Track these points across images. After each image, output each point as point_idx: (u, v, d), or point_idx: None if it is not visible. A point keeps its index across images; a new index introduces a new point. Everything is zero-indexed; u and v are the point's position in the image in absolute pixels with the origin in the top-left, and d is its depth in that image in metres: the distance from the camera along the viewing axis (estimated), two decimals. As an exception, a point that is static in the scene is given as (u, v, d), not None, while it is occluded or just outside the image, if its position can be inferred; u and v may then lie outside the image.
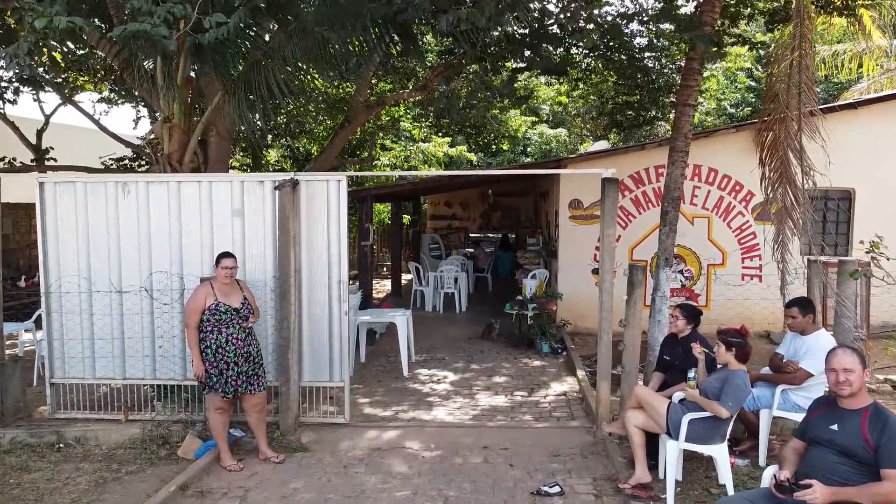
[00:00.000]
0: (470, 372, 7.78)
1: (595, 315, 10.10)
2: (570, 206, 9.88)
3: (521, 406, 6.47)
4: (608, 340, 5.32)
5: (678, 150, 6.21)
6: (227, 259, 5.00)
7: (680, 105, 6.22)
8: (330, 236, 5.67)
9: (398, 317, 7.66)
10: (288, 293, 5.43)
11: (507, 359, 8.40)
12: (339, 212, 5.66)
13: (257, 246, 5.68)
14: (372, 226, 10.16)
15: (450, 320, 11.03)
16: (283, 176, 5.57)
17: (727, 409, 3.92)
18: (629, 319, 5.36)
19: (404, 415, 6.25)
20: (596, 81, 13.46)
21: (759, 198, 9.80)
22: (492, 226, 17.89)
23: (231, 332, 4.90)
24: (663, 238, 6.32)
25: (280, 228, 5.45)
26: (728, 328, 4.28)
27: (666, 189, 6.34)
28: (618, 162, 9.78)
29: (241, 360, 4.93)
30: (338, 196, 5.65)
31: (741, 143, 9.71)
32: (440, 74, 11.54)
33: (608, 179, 5.41)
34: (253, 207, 5.68)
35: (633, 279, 5.35)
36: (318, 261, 5.70)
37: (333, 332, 5.73)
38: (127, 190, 5.70)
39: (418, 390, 7.05)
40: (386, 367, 8.05)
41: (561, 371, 7.78)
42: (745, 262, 9.85)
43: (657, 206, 9.81)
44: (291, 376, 5.50)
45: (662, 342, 5.08)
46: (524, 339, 8.98)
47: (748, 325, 9.79)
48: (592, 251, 9.87)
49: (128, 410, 5.80)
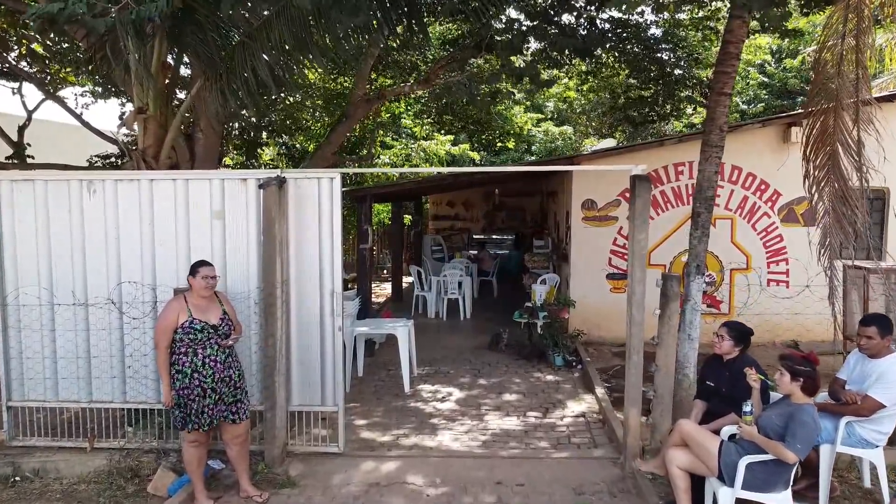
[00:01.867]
0: (477, 388, 7.12)
1: (610, 324, 9.59)
2: (584, 207, 9.22)
3: (535, 430, 5.81)
4: (638, 361, 4.66)
5: (712, 144, 5.55)
6: (206, 267, 4.35)
7: (714, 94, 5.56)
8: (322, 242, 5.02)
9: (399, 328, 7.01)
10: (273, 306, 4.77)
11: (518, 373, 7.74)
12: (333, 214, 5.00)
13: (240, 253, 5.03)
14: (371, 227, 9.50)
15: (454, 328, 10.37)
16: (268, 173, 4.91)
17: (795, 452, 3.27)
18: (662, 337, 4.70)
19: (405, 440, 5.59)
20: (607, 75, 12.81)
21: (786, 198, 9.19)
22: (496, 226, 17.22)
23: (208, 353, 4.24)
24: (695, 243, 5.66)
25: (265, 233, 4.80)
26: (793, 353, 3.63)
27: (698, 188, 5.67)
28: (634, 159, 9.12)
29: (220, 386, 4.27)
30: (331, 196, 4.99)
31: (767, 139, 9.05)
32: (443, 68, 10.89)
33: (639, 177, 4.75)
34: (235, 209, 5.02)
35: (668, 291, 4.69)
36: (309, 269, 5.04)
37: (326, 351, 5.07)
38: (93, 189, 5.04)
39: (421, 410, 6.40)
40: (386, 381, 7.40)
41: (577, 387, 7.12)
42: (771, 266, 9.19)
43: (676, 207, 9.17)
44: (278, 401, 4.85)
45: (704, 365, 4.40)
46: (535, 351, 8.32)
47: (774, 333, 9.20)
48: (607, 255, 9.23)
49: (94, 438, 5.15)
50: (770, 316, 8.76)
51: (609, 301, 9.19)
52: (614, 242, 9.19)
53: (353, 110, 9.85)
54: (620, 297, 9.20)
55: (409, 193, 11.85)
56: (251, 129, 13.73)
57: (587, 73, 12.41)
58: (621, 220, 9.16)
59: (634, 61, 11.14)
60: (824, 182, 5.63)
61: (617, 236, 9.18)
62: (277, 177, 4.83)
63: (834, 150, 5.49)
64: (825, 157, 5.59)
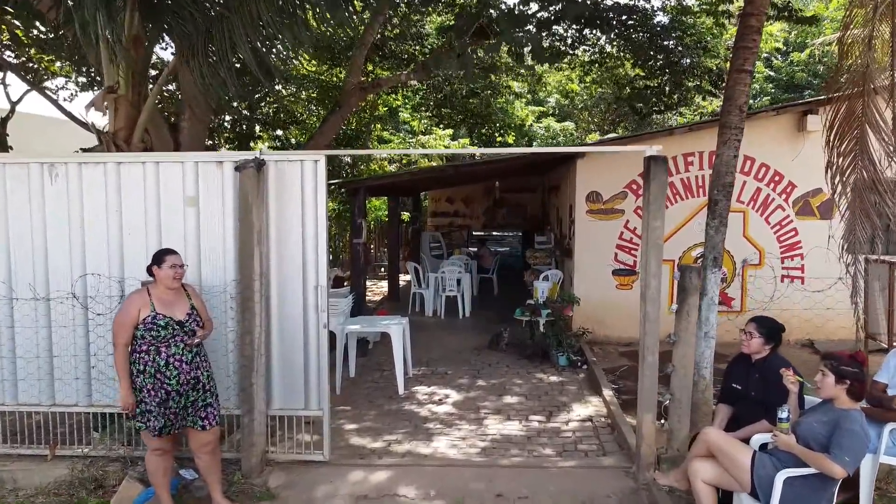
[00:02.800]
0: (476, 390, 6.67)
1: (616, 322, 9.14)
2: (588, 200, 8.78)
3: (538, 435, 5.37)
4: (653, 362, 4.21)
5: (731, 126, 5.10)
6: (173, 256, 3.91)
7: (734, 71, 5.11)
8: (305, 231, 4.58)
9: (392, 326, 6.57)
10: (251, 301, 4.33)
11: (519, 373, 7.29)
12: (317, 200, 4.56)
13: (216, 243, 4.58)
14: (366, 221, 9.06)
15: (452, 327, 9.93)
16: (245, 154, 4.47)
17: (842, 466, 2.83)
18: (680, 334, 4.26)
19: (398, 447, 5.15)
20: (612, 65, 12.38)
21: (801, 189, 8.74)
22: (497, 223, 16.77)
23: (173, 352, 3.80)
24: (711, 233, 5.20)
25: (241, 220, 4.36)
26: (838, 353, 3.18)
27: (715, 174, 5.22)
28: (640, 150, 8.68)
29: (186, 389, 3.83)
30: (315, 180, 4.55)
31: (782, 127, 8.61)
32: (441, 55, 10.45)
33: (654, 158, 4.31)
34: (210, 195, 4.58)
35: (686, 284, 4.24)
36: (291, 261, 4.60)
37: (310, 350, 4.63)
38: (55, 173, 4.60)
39: (415, 413, 5.95)
40: (379, 382, 6.96)
41: (583, 389, 6.67)
42: (785, 261, 8.74)
43: (686, 199, 8.73)
44: (256, 404, 4.41)
45: (730, 366, 3.95)
46: (537, 350, 7.88)
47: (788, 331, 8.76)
48: (613, 249, 8.78)
49: (56, 445, 4.71)
50: (780, 312, 8.31)
51: (615, 298, 8.75)
52: (620, 237, 8.75)
53: (346, 98, 9.41)
54: (627, 295, 8.77)
55: (405, 187, 11.40)
56: (244, 121, 13.32)
57: (591, 62, 11.99)
58: (628, 214, 8.72)
59: (640, 50, 10.72)
60: (850, 170, 5.18)
61: (623, 230, 8.74)
62: (255, 158, 4.39)
63: (862, 134, 5.05)
64: (852, 141, 5.14)
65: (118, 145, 5.21)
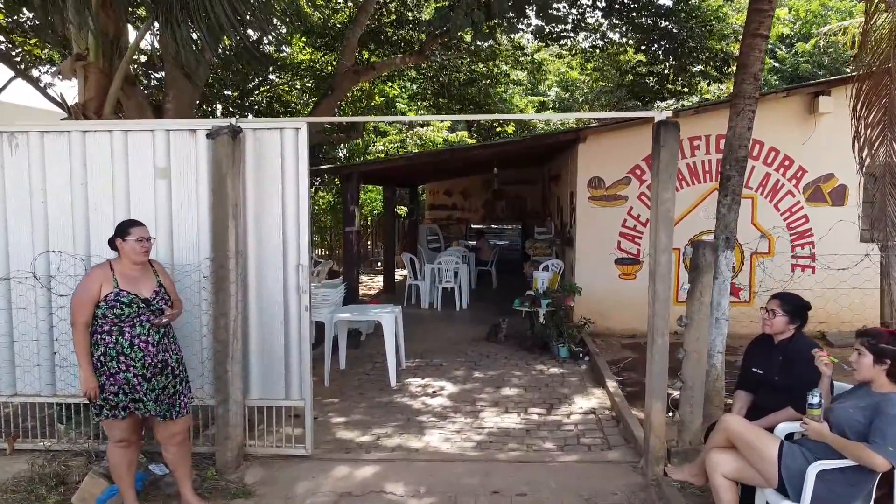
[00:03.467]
0: (473, 382, 6.32)
1: (619, 313, 8.78)
2: (590, 186, 8.43)
3: (538, 429, 5.02)
4: (663, 345, 3.86)
5: (745, 95, 4.75)
6: (139, 228, 3.56)
7: (748, 36, 4.76)
8: (286, 205, 4.22)
9: (384, 314, 6.22)
10: (225, 281, 3.98)
11: (518, 365, 6.94)
12: (298, 172, 4.21)
13: (189, 218, 4.23)
14: (359, 210, 8.71)
15: (449, 319, 9.58)
16: (219, 121, 4.12)
17: (886, 457, 2.47)
18: (693, 316, 3.91)
19: (388, 440, 4.80)
20: (613, 51, 12.04)
21: (812, 175, 8.37)
22: (496, 216, 16.41)
23: (138, 332, 3.44)
24: (724, 211, 4.85)
25: (214, 192, 4.00)
26: (875, 329, 2.83)
27: (728, 148, 4.87)
28: (645, 132, 8.31)
29: (153, 373, 3.48)
30: (295, 151, 4.20)
31: (792, 110, 8.25)
32: (437, 38, 10.11)
33: (664, 123, 3.96)
34: (183, 166, 4.23)
35: (700, 261, 3.89)
36: (270, 239, 4.25)
37: (290, 334, 4.28)
38: (14, 143, 4.25)
39: (408, 406, 5.60)
40: (371, 375, 6.61)
41: (585, 381, 6.32)
42: (796, 250, 8.39)
43: (692, 185, 8.38)
44: (231, 394, 4.05)
45: (749, 348, 3.59)
46: (537, 341, 7.53)
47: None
48: (616, 238, 8.43)
49: (15, 438, 4.36)
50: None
51: (618, 288, 8.41)
52: (624, 224, 8.40)
53: (339, 82, 9.07)
54: (630, 285, 8.42)
55: (402, 176, 11.04)
56: (237, 111, 12.97)
57: (592, 47, 11.65)
58: (631, 200, 8.37)
59: (644, 33, 10.38)
60: (878, 142, 4.82)
61: (627, 217, 8.39)
62: (230, 125, 4.03)
63: (892, 103, 4.69)
64: (880, 111, 4.78)
65: (88, 116, 4.86)
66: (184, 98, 6.89)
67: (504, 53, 13.00)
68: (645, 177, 8.34)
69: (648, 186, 8.42)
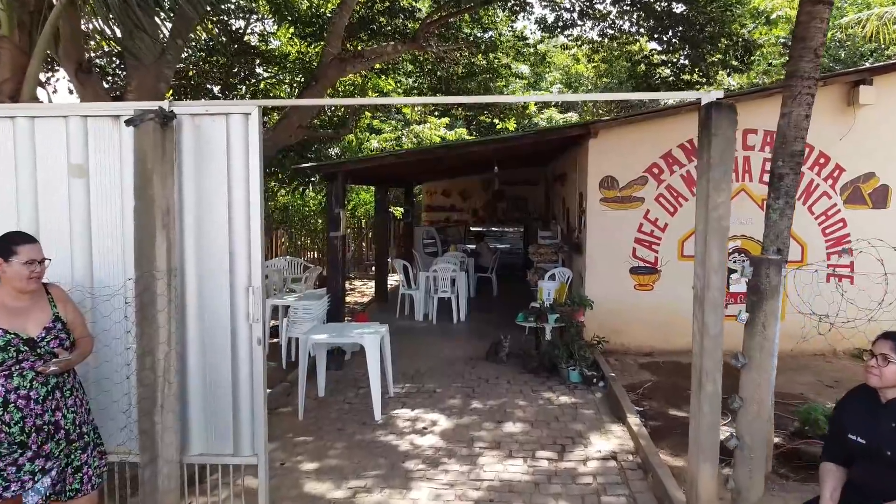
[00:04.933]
0: (470, 413, 5.45)
1: (634, 329, 7.87)
2: (602, 186, 7.56)
3: (549, 481, 4.14)
4: (714, 393, 2.98)
5: (803, 75, 3.89)
6: (28, 246, 2.69)
7: (807, 3, 3.89)
8: (233, 211, 3.35)
9: (367, 336, 5.34)
10: (152, 307, 3.10)
11: (523, 392, 6.07)
12: (249, 168, 3.34)
13: (112, 227, 3.36)
14: (344, 211, 7.84)
15: (444, 333, 8.70)
16: (146, 104, 3.24)
17: None
18: (753, 354, 3.03)
19: (366, 497, 3.93)
20: (623, 41, 11.16)
21: (851, 174, 7.49)
22: (497, 218, 15.53)
23: (15, 384, 2.57)
24: (775, 217, 4.00)
25: (138, 195, 3.13)
26: None
27: (780, 140, 4.02)
28: (665, 125, 7.48)
29: (35, 440, 2.60)
30: (245, 141, 3.33)
31: (827, 101, 7.37)
32: (434, 24, 9.25)
33: (717, 106, 3.09)
34: (105, 162, 3.36)
35: (762, 284, 3.02)
36: (214, 253, 3.37)
37: (239, 374, 3.40)
38: None
39: (393, 447, 4.73)
40: (354, 404, 5.74)
41: (601, 413, 5.44)
42: (832, 258, 7.52)
43: (716, 186, 7.49)
44: (162, 451, 3.18)
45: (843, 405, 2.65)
46: (544, 363, 6.66)
47: (836, 339, 7.54)
48: (631, 244, 7.56)
49: None
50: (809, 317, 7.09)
51: (633, 301, 7.54)
52: (640, 229, 7.53)
53: (323, 71, 8.20)
54: (647, 297, 7.56)
55: (394, 175, 10.16)
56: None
57: (601, 35, 10.77)
58: (648, 202, 7.50)
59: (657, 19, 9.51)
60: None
61: (643, 221, 7.52)
62: (159, 109, 3.16)
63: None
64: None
65: (2, 101, 3.99)
66: (147, 87, 6.01)
67: (505, 44, 12.13)
68: (663, 176, 7.48)
69: (668, 187, 7.57)
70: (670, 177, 7.48)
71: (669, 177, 7.48)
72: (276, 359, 7.27)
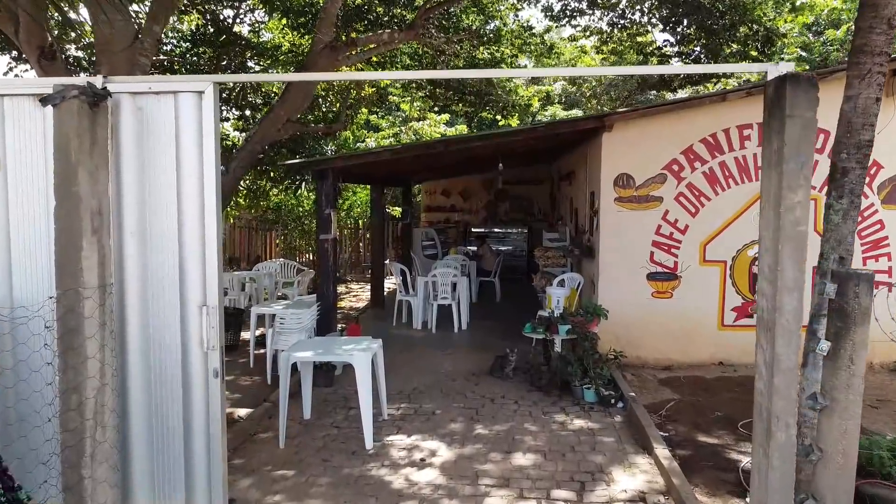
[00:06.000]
0: (474, 441, 4.81)
1: (652, 340, 7.16)
2: (617, 185, 6.92)
3: (569, 530, 3.51)
4: (788, 443, 2.34)
5: (873, 51, 3.26)
6: None
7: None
8: (184, 213, 2.72)
9: (357, 354, 4.70)
10: (77, 335, 2.47)
11: (532, 414, 5.43)
12: (203, 159, 2.70)
13: (36, 231, 2.73)
14: (336, 212, 7.21)
15: (445, 344, 8.05)
16: (73, 80, 2.61)
17: None
18: (837, 393, 2.39)
19: (352, 553, 3.30)
20: (634, 31, 10.53)
21: (890, 171, 6.87)
22: (499, 219, 14.90)
23: None
24: (837, 220, 3.36)
25: (59, 194, 2.49)
26: None
27: (845, 128, 3.39)
28: (686, 118, 6.84)
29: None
30: (198, 126, 2.69)
31: (865, 91, 6.72)
32: (433, 10, 8.62)
33: (792, 80, 2.44)
34: (26, 151, 2.73)
35: (849, 306, 2.39)
36: (161, 264, 2.74)
37: (192, 411, 2.77)
38: None
39: (385, 483, 4.10)
40: (343, 428, 5.10)
41: (623, 441, 4.80)
42: (868, 262, 6.89)
43: (741, 183, 6.87)
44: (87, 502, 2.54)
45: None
46: (555, 380, 6.01)
47: (872, 354, 6.91)
48: (648, 248, 6.93)
49: None
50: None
51: (650, 310, 6.91)
52: (658, 231, 6.89)
53: (313, 60, 7.56)
54: (665, 305, 6.92)
55: (389, 169, 9.50)
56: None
57: (611, 25, 10.13)
58: (667, 202, 6.87)
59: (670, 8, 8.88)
60: None
61: (662, 223, 6.88)
62: (87, 85, 2.52)
63: None
64: None
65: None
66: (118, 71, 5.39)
67: (509, 35, 11.48)
68: (684, 174, 6.84)
69: (688, 185, 6.92)
70: (691, 174, 6.84)
71: (690, 174, 6.84)
72: (260, 373, 6.65)
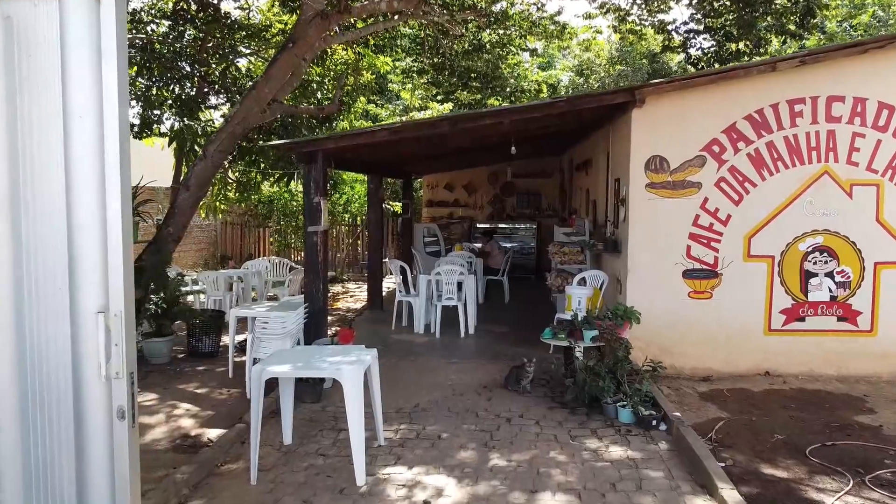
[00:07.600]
0: (489, 476, 3.92)
1: (689, 347, 5.97)
2: (649, 169, 6.04)
3: None
4: None
5: None
6: None
7: None
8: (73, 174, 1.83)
9: (345, 368, 3.81)
10: None
11: (559, 437, 4.54)
12: (104, 95, 1.81)
13: None
14: (325, 201, 6.33)
15: (451, 351, 7.15)
16: None
17: None
18: None
19: None
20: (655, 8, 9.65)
21: (963, 152, 6.03)
22: (506, 214, 14.03)
23: None
24: None
25: None
26: None
27: None
28: (729, 92, 5.94)
29: None
30: (96, 45, 1.80)
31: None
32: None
33: None
34: None
35: None
36: (40, 251, 1.85)
37: (90, 473, 1.88)
38: None
39: (381, 537, 3.22)
40: (330, 456, 4.21)
41: (673, 475, 3.91)
42: (936, 256, 6.01)
43: (791, 167, 5.98)
44: None
45: None
46: (581, 395, 5.12)
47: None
48: (684, 241, 6.05)
49: None
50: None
51: (686, 312, 6.04)
52: (696, 222, 6.02)
53: (302, 30, 6.69)
54: (704, 306, 6.03)
55: (387, 154, 8.60)
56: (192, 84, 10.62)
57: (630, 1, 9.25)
58: (706, 189, 5.99)
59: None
60: None
61: (700, 212, 6.01)
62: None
63: None
64: None
65: None
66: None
67: (518, 16, 10.61)
68: (725, 156, 5.96)
69: (731, 169, 6.01)
70: (734, 156, 5.96)
71: (733, 156, 5.96)
72: (240, 384, 5.77)
